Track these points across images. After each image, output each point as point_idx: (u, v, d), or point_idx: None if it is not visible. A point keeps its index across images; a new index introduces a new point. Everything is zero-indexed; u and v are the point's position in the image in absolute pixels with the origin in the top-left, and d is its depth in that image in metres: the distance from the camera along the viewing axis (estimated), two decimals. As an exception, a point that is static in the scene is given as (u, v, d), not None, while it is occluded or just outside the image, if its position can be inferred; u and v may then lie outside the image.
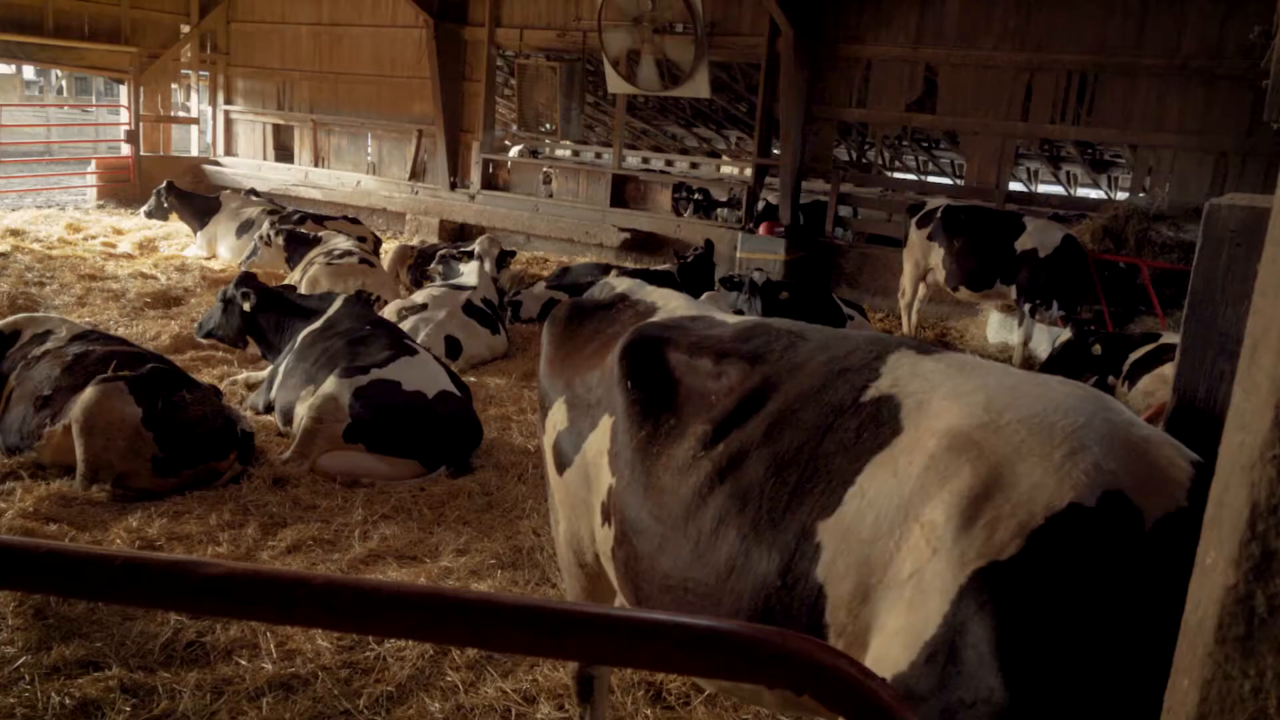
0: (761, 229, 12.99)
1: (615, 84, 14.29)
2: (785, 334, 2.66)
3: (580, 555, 3.16)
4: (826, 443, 2.25)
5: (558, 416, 3.15)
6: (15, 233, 13.86)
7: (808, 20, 12.88)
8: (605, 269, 11.10)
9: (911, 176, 22.58)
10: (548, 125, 16.37)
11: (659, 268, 11.49)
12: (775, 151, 14.23)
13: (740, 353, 2.64)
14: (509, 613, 1.04)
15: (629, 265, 12.87)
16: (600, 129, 21.50)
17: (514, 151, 17.28)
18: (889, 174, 21.31)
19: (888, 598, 1.97)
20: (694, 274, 10.90)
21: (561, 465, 3.11)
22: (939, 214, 10.39)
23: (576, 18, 15.19)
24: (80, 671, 4.04)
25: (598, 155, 20.32)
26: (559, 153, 19.18)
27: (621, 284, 3.48)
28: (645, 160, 20.69)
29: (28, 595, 4.46)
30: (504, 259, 10.97)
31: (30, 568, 1.16)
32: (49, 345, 6.41)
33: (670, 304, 3.22)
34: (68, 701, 3.80)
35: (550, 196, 16.04)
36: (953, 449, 2.02)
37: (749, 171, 14.81)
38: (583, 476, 2.99)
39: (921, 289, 10.87)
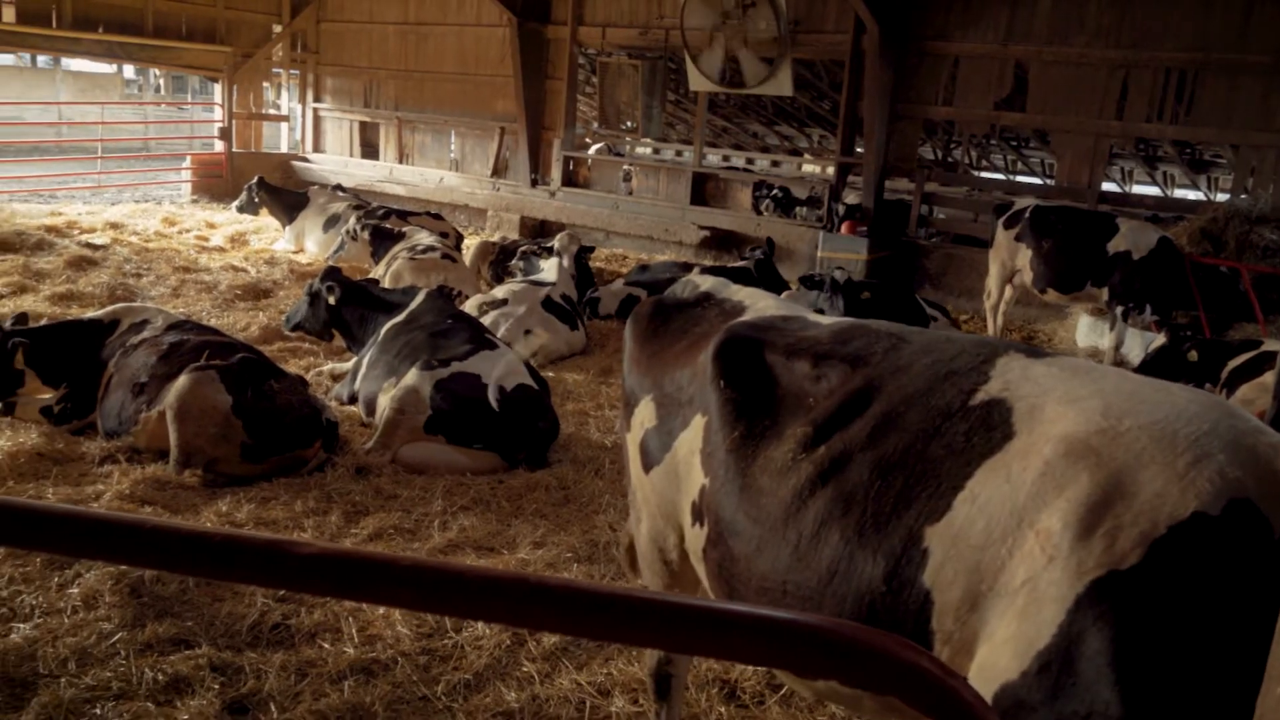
0: (843, 228, 12.85)
1: (697, 81, 14.27)
2: (886, 336, 2.62)
3: (664, 553, 3.15)
4: (933, 447, 2.21)
5: (645, 414, 3.14)
6: (115, 226, 14.39)
7: (893, 17, 12.69)
8: (685, 267, 11.10)
9: (999, 176, 22.12)
10: (628, 123, 16.43)
11: (736, 264, 11.44)
12: (858, 150, 14.05)
13: (840, 355, 2.61)
14: (596, 600, 1.04)
15: (707, 263, 12.84)
16: (681, 127, 21.50)
17: (593, 149, 17.37)
18: (975, 173, 20.92)
19: (998, 605, 1.93)
20: (769, 271, 10.84)
21: (648, 463, 3.09)
22: (1028, 214, 10.14)
23: (659, 15, 15.20)
24: (172, 649, 4.17)
25: (678, 153, 20.33)
26: (639, 150, 19.23)
27: (705, 282, 3.45)
28: (725, 158, 20.66)
29: (124, 574, 4.62)
30: (583, 255, 11.03)
31: (136, 544, 1.19)
32: (146, 334, 6.64)
33: (759, 303, 3.18)
34: (160, 677, 3.92)
35: (630, 194, 16.09)
36: (1070, 455, 1.97)
37: (831, 170, 14.66)
38: (671, 475, 2.96)
39: (1008, 291, 10.63)
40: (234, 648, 4.23)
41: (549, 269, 9.98)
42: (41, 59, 30.40)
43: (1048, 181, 18.61)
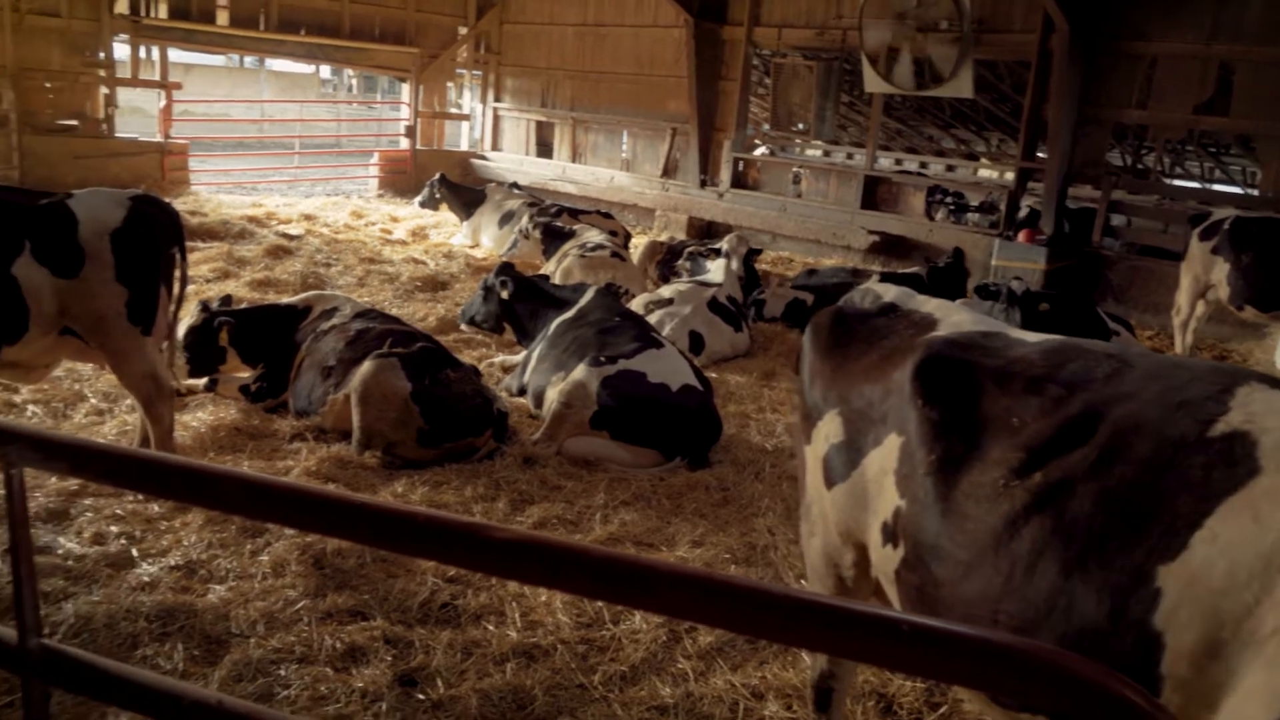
0: (1021, 236, 12.36)
1: (873, 83, 14.01)
2: (1106, 359, 2.49)
3: (838, 568, 3.10)
4: (1166, 480, 2.09)
5: (829, 429, 3.05)
6: (308, 217, 15.30)
7: (1086, 15, 12.11)
8: (854, 272, 10.93)
9: (1194, 184, 20.76)
10: (800, 124, 16.28)
11: (907, 270, 11.18)
12: (1040, 155, 13.48)
13: (1055, 377, 2.50)
14: (783, 603, 1.05)
15: (876, 269, 12.60)
16: (853, 129, 21.14)
17: (761, 150, 17.30)
18: (1168, 181, 19.71)
19: (1244, 655, 1.82)
20: (944, 280, 10.53)
21: (830, 479, 3.02)
22: (1227, 225, 9.50)
23: (837, 15, 15.01)
24: (349, 619, 4.42)
25: (849, 156, 20.00)
26: (808, 152, 19.03)
27: (888, 291, 3.35)
28: (898, 162, 20.14)
29: (309, 546, 4.92)
30: (750, 257, 11.01)
31: (344, 517, 1.28)
32: (335, 321, 7.04)
33: (951, 316, 3.06)
34: (338, 645, 4.16)
35: (799, 196, 15.95)
36: None
37: (1010, 175, 14.12)
38: (858, 494, 2.89)
39: (1200, 306, 9.99)
40: (405, 623, 4.45)
41: (716, 270, 10.01)
42: (248, 59, 32.55)
43: (1249, 191, 17.35)
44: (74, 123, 16.69)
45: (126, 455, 1.42)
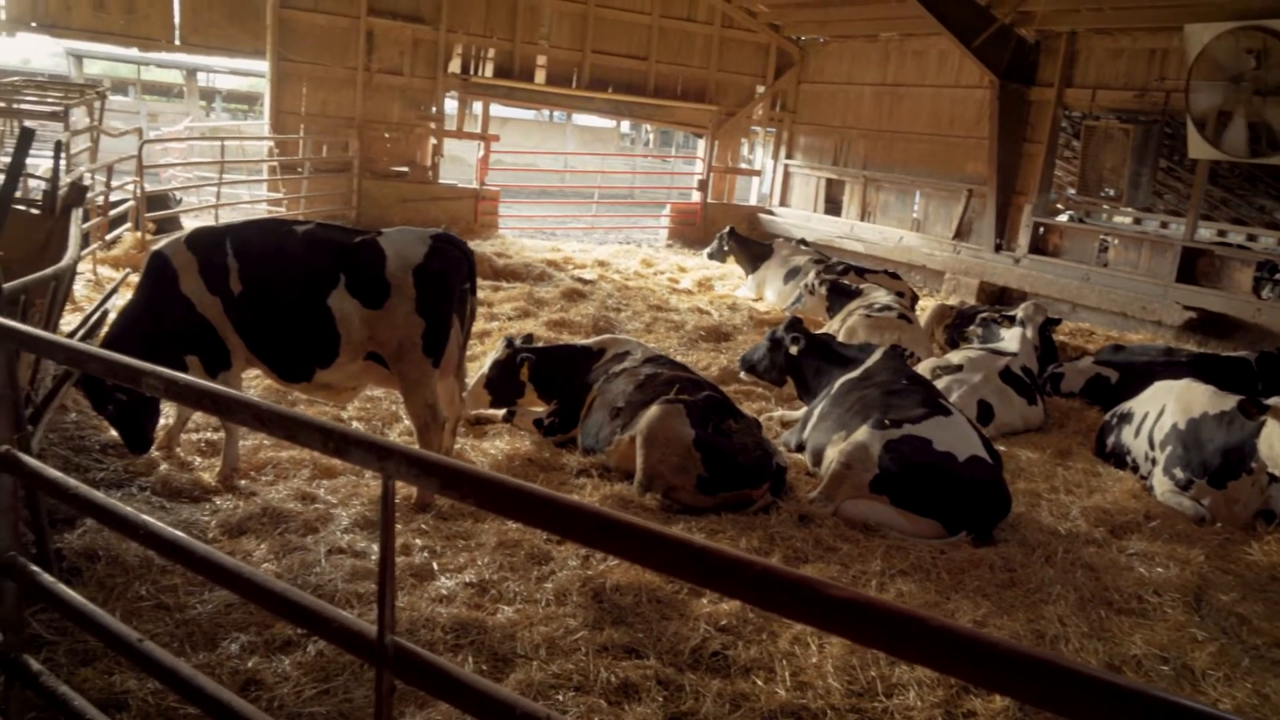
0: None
1: (1199, 148, 12.94)
2: None
3: None
4: None
5: None
6: (602, 263, 16.10)
7: None
8: (1167, 350, 10.08)
9: None
10: (1110, 190, 15.29)
11: (1233, 355, 10.17)
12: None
13: None
14: (1090, 685, 0.99)
15: (1191, 348, 11.56)
16: (1169, 196, 19.60)
17: (1063, 216, 16.40)
18: None
19: None
20: (1276, 369, 9.47)
21: None
22: None
23: (1160, 77, 14.05)
24: (624, 655, 4.54)
25: (1163, 225, 18.56)
26: (1117, 219, 17.82)
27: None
28: (1221, 233, 18.46)
29: (589, 579, 5.11)
30: (1048, 327, 10.43)
31: (682, 559, 1.33)
32: (626, 364, 7.34)
33: None
34: (613, 679, 4.28)
35: (1105, 265, 14.95)
36: None
37: (1362, 254, 12.56)
38: None
39: None
40: (677, 666, 4.51)
41: (1010, 338, 9.56)
42: (557, 114, 34.80)
43: None
44: (405, 169, 18.54)
45: (489, 479, 1.54)
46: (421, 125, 18.63)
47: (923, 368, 8.85)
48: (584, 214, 23.24)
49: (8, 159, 12.58)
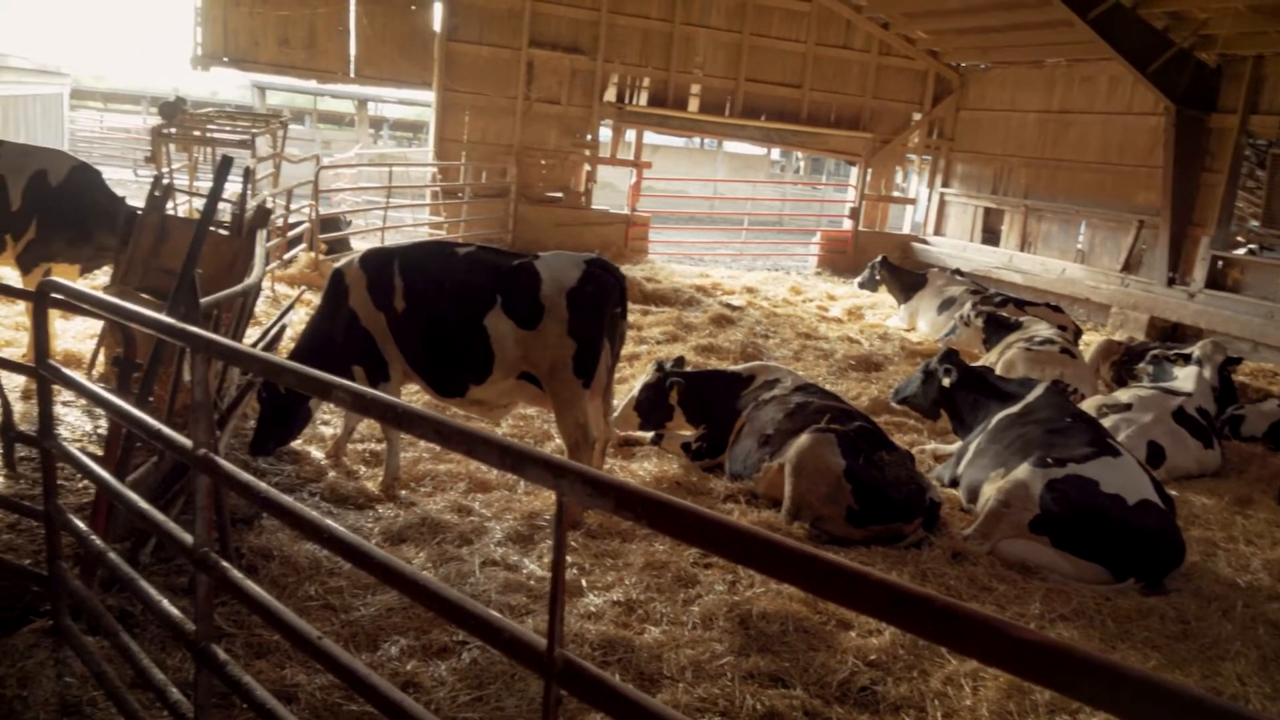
0: None
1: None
2: None
3: None
4: None
5: None
6: (750, 290, 16.08)
7: None
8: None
9: None
10: (1299, 222, 14.34)
11: None
12: None
13: None
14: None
15: (1390, 394, 10.68)
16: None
17: (1245, 249, 15.44)
18: None
19: None
20: None
21: None
22: None
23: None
24: (770, 684, 4.49)
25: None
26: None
27: None
28: None
29: (736, 605, 5.09)
30: (1227, 367, 9.83)
31: (862, 592, 1.32)
32: (776, 392, 7.29)
33: None
34: (758, 707, 4.24)
35: (1291, 303, 14.00)
36: None
37: None
38: None
39: None
40: (823, 698, 4.43)
41: (1184, 377, 9.05)
42: (708, 141, 35.06)
43: None
44: (559, 195, 19.00)
45: (667, 502, 1.57)
46: (576, 152, 19.09)
47: (1088, 405, 8.47)
48: (733, 240, 23.29)
49: (198, 182, 13.55)
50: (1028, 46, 18.21)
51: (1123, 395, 8.70)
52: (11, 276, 8.05)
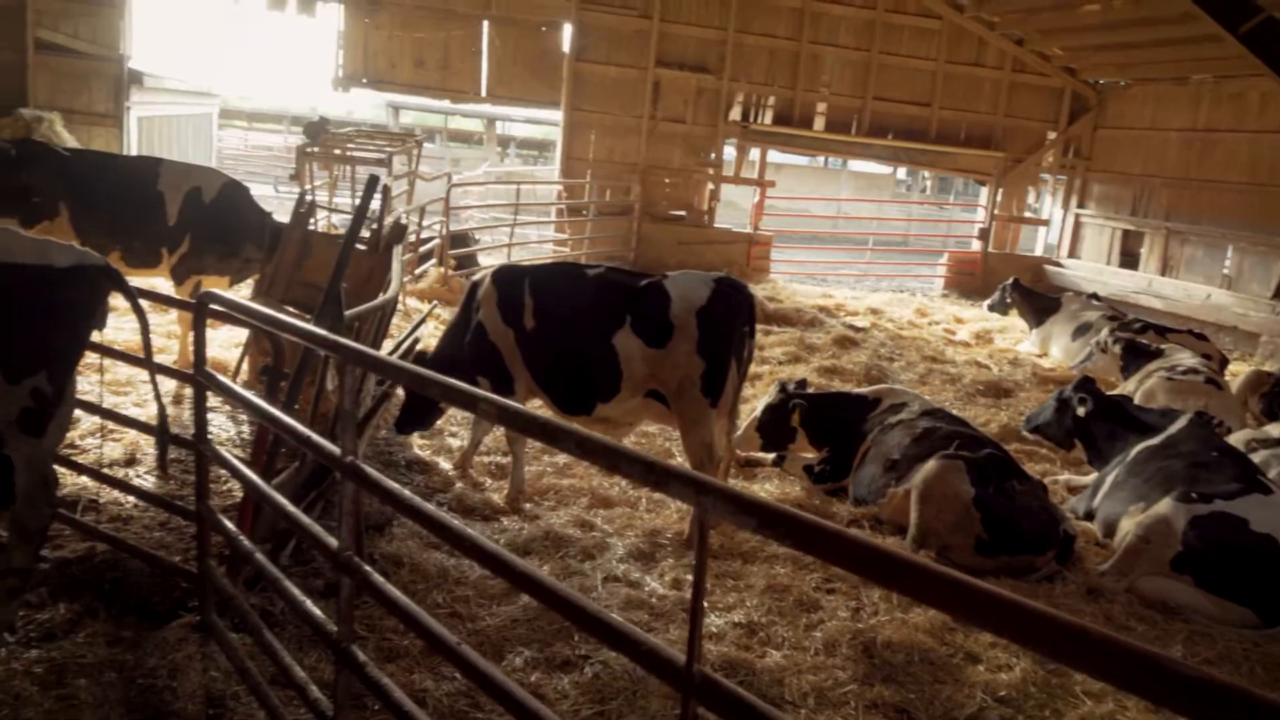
0: None
1: None
2: None
3: None
4: None
5: None
6: (875, 311, 15.83)
7: None
8: None
9: None
10: None
11: None
12: None
13: None
14: None
15: None
16: None
17: None
18: None
19: None
20: None
21: None
22: None
23: None
24: (894, 715, 4.41)
25: None
26: None
27: None
28: None
29: (860, 633, 5.01)
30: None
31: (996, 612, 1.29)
32: (903, 416, 7.16)
33: None
34: (880, 738, 4.17)
35: None
36: None
37: None
38: None
39: None
40: (950, 733, 4.33)
41: (1343, 412, 8.52)
42: (833, 160, 34.72)
43: None
44: (682, 213, 19.11)
45: (811, 523, 1.58)
46: (700, 171, 19.18)
47: (1236, 439, 8.04)
48: (857, 260, 22.99)
49: (337, 199, 14.14)
50: (1171, 63, 17.49)
51: (1274, 430, 8.24)
52: (165, 287, 8.55)
